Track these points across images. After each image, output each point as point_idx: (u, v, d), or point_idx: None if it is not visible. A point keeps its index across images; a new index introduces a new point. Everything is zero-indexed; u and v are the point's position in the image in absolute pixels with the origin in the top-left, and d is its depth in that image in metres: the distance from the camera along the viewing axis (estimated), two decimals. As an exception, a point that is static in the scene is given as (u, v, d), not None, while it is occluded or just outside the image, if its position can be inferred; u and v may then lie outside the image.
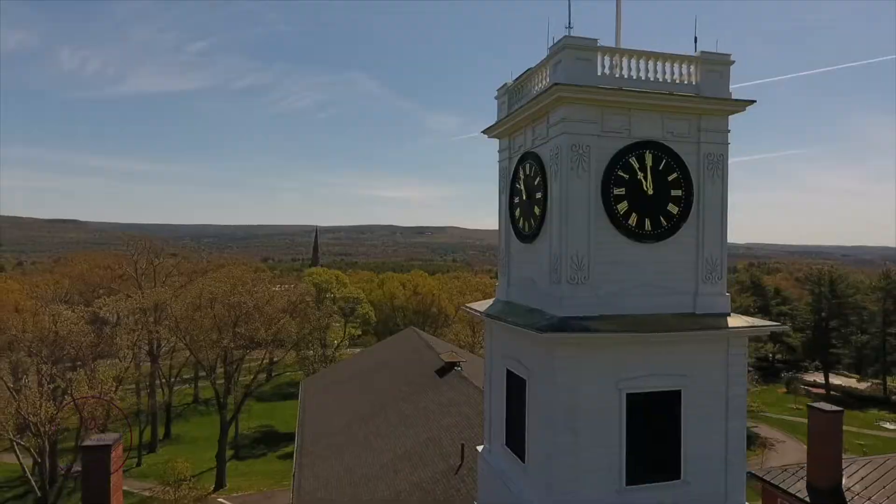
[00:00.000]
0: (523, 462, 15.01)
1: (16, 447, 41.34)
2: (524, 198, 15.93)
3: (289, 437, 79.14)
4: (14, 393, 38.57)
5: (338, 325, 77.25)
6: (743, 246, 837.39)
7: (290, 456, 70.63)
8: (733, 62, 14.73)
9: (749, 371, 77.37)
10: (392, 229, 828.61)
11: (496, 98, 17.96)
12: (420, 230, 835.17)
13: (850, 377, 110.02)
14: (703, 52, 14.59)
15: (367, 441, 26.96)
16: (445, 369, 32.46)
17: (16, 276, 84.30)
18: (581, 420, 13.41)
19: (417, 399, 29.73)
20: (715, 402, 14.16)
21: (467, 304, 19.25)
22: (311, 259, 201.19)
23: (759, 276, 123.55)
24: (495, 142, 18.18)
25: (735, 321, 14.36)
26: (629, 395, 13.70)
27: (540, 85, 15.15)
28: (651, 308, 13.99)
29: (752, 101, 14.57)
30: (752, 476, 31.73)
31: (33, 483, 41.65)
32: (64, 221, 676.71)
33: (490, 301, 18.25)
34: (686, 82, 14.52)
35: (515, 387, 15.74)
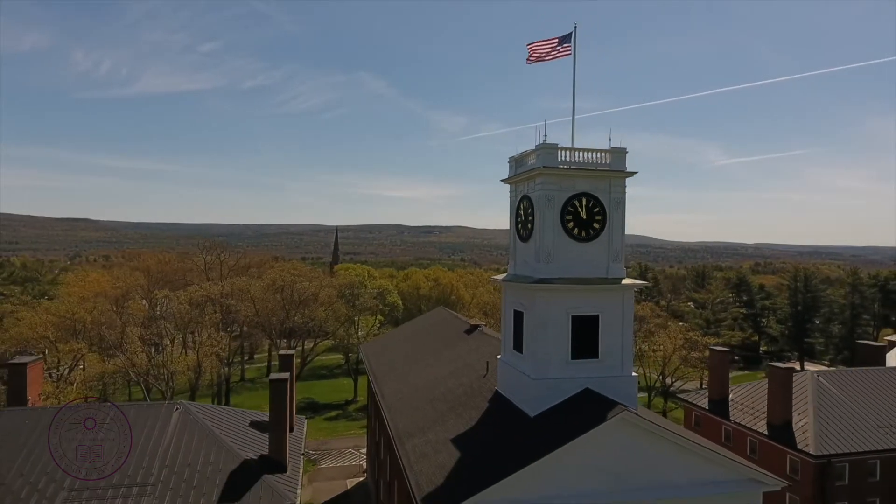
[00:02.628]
0: (522, 353, 30.14)
1: (144, 391, 56.57)
2: (523, 219, 31.10)
3: (328, 407, 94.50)
4: (155, 350, 53.80)
5: (369, 312, 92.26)
6: (752, 246, 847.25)
7: (334, 419, 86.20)
8: (627, 151, 29.81)
9: (735, 360, 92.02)
10: (399, 229, 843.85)
11: (508, 163, 33.11)
12: (427, 230, 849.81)
13: (823, 364, 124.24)
14: (612, 147, 29.67)
15: (424, 369, 42.10)
16: (471, 330, 47.62)
17: (98, 271, 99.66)
18: (549, 328, 28.50)
19: (453, 347, 44.89)
20: (616, 321, 29.22)
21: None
22: (331, 257, 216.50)
23: (745, 274, 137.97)
24: (501, 143, 36.43)
25: (626, 281, 29.43)
26: (573, 316, 28.79)
27: (531, 162, 30.30)
28: (584, 274, 29.07)
29: (636, 172, 29.66)
30: (678, 399, 46.90)
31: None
32: (76, 220, 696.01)
33: (504, 274, 33.48)
34: (603, 163, 29.60)
35: (518, 317, 30.90)
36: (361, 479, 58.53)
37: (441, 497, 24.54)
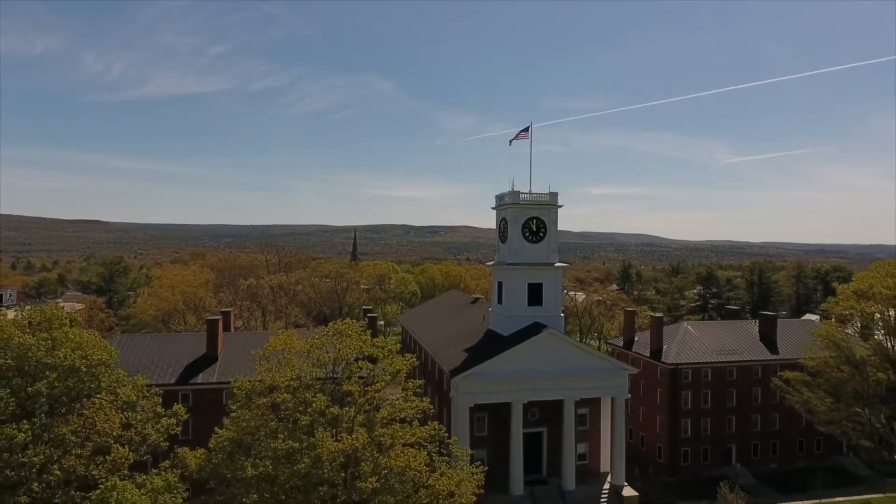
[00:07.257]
0: (501, 304, 56.84)
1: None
2: (502, 230, 57.88)
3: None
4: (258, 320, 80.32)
5: (396, 298, 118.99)
6: (758, 245, 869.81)
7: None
8: (558, 193, 56.45)
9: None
10: (405, 228, 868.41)
11: (495, 197, 59.74)
12: (433, 229, 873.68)
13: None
14: (550, 192, 56.31)
15: (444, 323, 68.63)
16: (474, 301, 74.22)
17: (177, 266, 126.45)
18: (515, 290, 55.29)
19: (462, 311, 71.43)
20: (552, 286, 55.93)
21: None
22: (350, 256, 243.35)
23: (713, 269, 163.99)
24: (506, 142, 59.90)
25: (558, 264, 56.11)
26: (528, 283, 55.53)
27: (506, 199, 57.04)
28: (534, 260, 55.72)
29: (563, 205, 56.32)
30: (607, 343, 73.58)
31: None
32: (86, 222, 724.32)
33: (492, 262, 60.26)
34: (545, 200, 56.21)
35: (500, 285, 57.65)
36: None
37: (460, 369, 51.10)
